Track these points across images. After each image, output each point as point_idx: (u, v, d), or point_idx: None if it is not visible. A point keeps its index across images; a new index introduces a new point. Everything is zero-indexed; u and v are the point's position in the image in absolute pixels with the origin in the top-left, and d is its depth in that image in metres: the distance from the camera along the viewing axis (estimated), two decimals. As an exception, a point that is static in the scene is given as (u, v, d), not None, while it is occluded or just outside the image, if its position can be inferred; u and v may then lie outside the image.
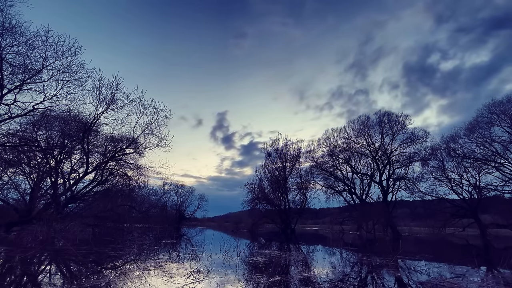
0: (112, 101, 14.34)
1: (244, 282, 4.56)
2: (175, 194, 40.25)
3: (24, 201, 15.09)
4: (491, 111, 23.57)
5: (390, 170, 28.98)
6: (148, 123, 16.14)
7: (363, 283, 4.93)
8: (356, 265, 7.09)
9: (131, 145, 16.80)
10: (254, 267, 6.16)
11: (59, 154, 15.41)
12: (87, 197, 17.24)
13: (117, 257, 7.16)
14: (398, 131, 28.61)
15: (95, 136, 16.91)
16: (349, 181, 31.67)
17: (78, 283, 4.18)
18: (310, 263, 7.26)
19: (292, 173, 29.43)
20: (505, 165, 23.24)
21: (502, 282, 4.99)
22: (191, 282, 4.37)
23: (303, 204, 28.73)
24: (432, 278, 5.31)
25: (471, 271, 6.27)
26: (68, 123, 14.94)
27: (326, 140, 32.06)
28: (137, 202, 20.89)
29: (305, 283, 4.67)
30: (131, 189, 19.36)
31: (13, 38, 10.22)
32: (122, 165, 18.31)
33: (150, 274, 4.96)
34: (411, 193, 28.18)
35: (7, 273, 5.06)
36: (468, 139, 25.17)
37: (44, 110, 12.55)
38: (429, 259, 8.41)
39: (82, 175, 15.62)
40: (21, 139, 12.44)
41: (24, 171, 14.80)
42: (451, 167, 27.07)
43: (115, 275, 4.79)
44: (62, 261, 6.52)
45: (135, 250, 8.71)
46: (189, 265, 6.09)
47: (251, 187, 28.69)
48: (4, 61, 10.34)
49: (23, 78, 11.04)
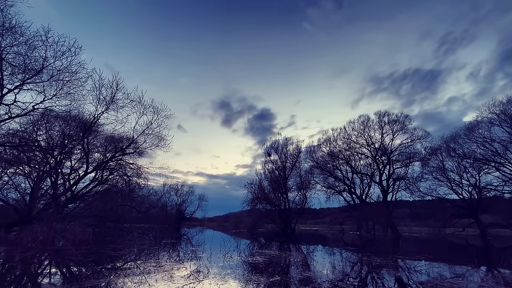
0: (112, 101, 14.34)
1: (244, 282, 4.56)
2: (175, 194, 40.23)
3: (24, 201, 15.07)
4: (491, 111, 23.58)
5: (390, 170, 28.98)
6: (148, 123, 16.17)
7: (363, 283, 4.93)
8: (356, 265, 7.09)
9: (131, 145, 16.79)
10: (254, 267, 6.16)
11: (59, 154, 15.40)
12: (87, 197, 17.24)
13: (117, 257, 7.16)
14: (398, 131, 28.61)
15: (95, 136, 16.91)
16: (349, 181, 31.69)
17: (78, 283, 4.18)
18: (310, 263, 7.26)
19: (292, 173, 29.36)
20: (505, 165, 23.23)
21: (502, 282, 4.98)
22: (191, 282, 4.37)
23: (303, 204, 28.67)
24: (432, 278, 5.32)
25: (471, 271, 6.27)
26: (68, 123, 14.95)
27: (326, 140, 32.13)
28: (137, 202, 20.89)
29: (305, 283, 4.66)
30: (131, 189, 19.35)
31: (13, 38, 10.23)
32: (122, 165, 18.31)
33: (150, 274, 4.96)
34: (411, 193, 28.20)
35: (7, 273, 5.06)
36: (468, 139, 25.17)
37: (44, 110, 12.56)
38: (429, 259, 8.41)
39: (82, 175, 15.62)
40: (21, 139, 12.44)
41: (24, 171, 14.77)
42: (451, 167, 27.11)
43: (115, 275, 4.79)
44: (62, 261, 6.52)
45: (135, 250, 8.72)
46: (189, 265, 6.09)
47: (251, 187, 28.64)
48: (4, 61, 10.34)
49: (23, 78, 11.04)
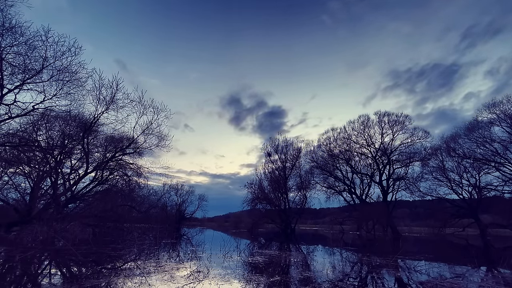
0: (112, 101, 14.35)
1: (244, 282, 4.56)
2: (175, 194, 40.22)
3: (24, 201, 15.07)
4: (491, 111, 23.58)
5: (390, 170, 29.00)
6: (148, 123, 16.19)
7: (363, 283, 4.93)
8: (356, 265, 7.09)
9: (131, 145, 16.81)
10: (254, 267, 6.16)
11: (59, 154, 15.40)
12: (87, 197, 17.24)
13: (117, 257, 7.16)
14: (398, 131, 28.63)
15: (95, 136, 16.91)
16: (349, 181, 31.70)
17: (78, 283, 4.18)
18: (310, 263, 7.26)
19: (292, 173, 29.35)
20: (505, 165, 23.24)
21: (502, 282, 4.98)
22: (191, 282, 4.37)
23: (303, 204, 28.66)
24: (432, 278, 5.32)
25: (471, 271, 6.27)
26: (68, 123, 14.95)
27: (326, 140, 32.14)
28: (137, 202, 20.88)
29: (305, 283, 4.66)
30: (131, 189, 19.35)
31: (13, 38, 10.23)
32: (122, 165, 18.31)
33: (150, 274, 4.96)
34: (411, 193, 28.23)
35: (7, 273, 5.06)
36: (468, 139, 25.19)
37: (44, 110, 12.56)
38: (429, 259, 8.41)
39: (82, 175, 15.62)
40: (21, 139, 12.44)
41: (24, 171, 14.77)
42: (451, 167, 27.12)
43: (115, 275, 4.79)
44: (62, 261, 6.52)
45: (135, 250, 8.71)
46: (189, 265, 6.08)
47: (251, 187, 28.63)
48: (4, 61, 10.34)
49: (23, 78, 11.04)
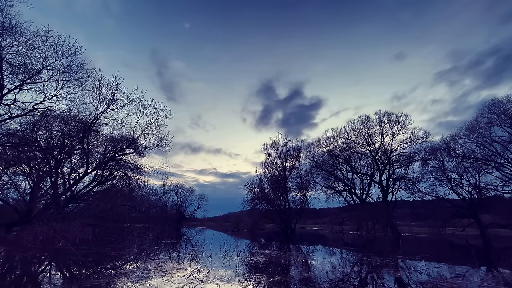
0: (112, 101, 14.35)
1: (244, 282, 4.56)
2: (175, 194, 40.26)
3: (24, 201, 15.07)
4: (491, 111, 23.55)
5: (390, 170, 28.95)
6: (148, 123, 16.18)
7: (363, 283, 4.93)
8: (356, 265, 7.09)
9: (131, 145, 16.80)
10: (254, 267, 6.15)
11: (59, 154, 15.40)
12: (87, 197, 17.25)
13: (117, 257, 7.16)
14: (398, 131, 28.58)
15: (95, 136, 16.91)
16: (349, 181, 31.66)
17: (78, 283, 4.18)
18: (310, 263, 7.25)
19: (292, 173, 29.36)
20: (505, 165, 23.20)
21: (502, 282, 4.98)
22: (191, 282, 4.37)
23: (303, 204, 28.65)
24: (432, 278, 5.31)
25: (471, 271, 6.26)
26: (68, 123, 14.95)
27: (326, 140, 32.10)
28: (137, 202, 20.89)
29: (305, 283, 4.66)
30: (131, 189, 19.36)
31: (13, 38, 10.24)
32: (122, 165, 18.31)
33: (150, 274, 4.96)
34: (411, 193, 28.16)
35: (7, 273, 5.05)
36: (468, 139, 25.15)
37: (44, 110, 12.56)
38: (429, 259, 8.41)
39: (82, 175, 15.62)
40: (21, 139, 12.44)
41: (24, 171, 14.77)
42: (451, 167, 27.06)
43: (115, 275, 4.79)
44: (62, 261, 6.52)
45: (135, 250, 8.71)
46: (189, 265, 6.08)
47: (251, 187, 28.65)
48: (4, 61, 10.34)
49: (23, 78, 11.04)
